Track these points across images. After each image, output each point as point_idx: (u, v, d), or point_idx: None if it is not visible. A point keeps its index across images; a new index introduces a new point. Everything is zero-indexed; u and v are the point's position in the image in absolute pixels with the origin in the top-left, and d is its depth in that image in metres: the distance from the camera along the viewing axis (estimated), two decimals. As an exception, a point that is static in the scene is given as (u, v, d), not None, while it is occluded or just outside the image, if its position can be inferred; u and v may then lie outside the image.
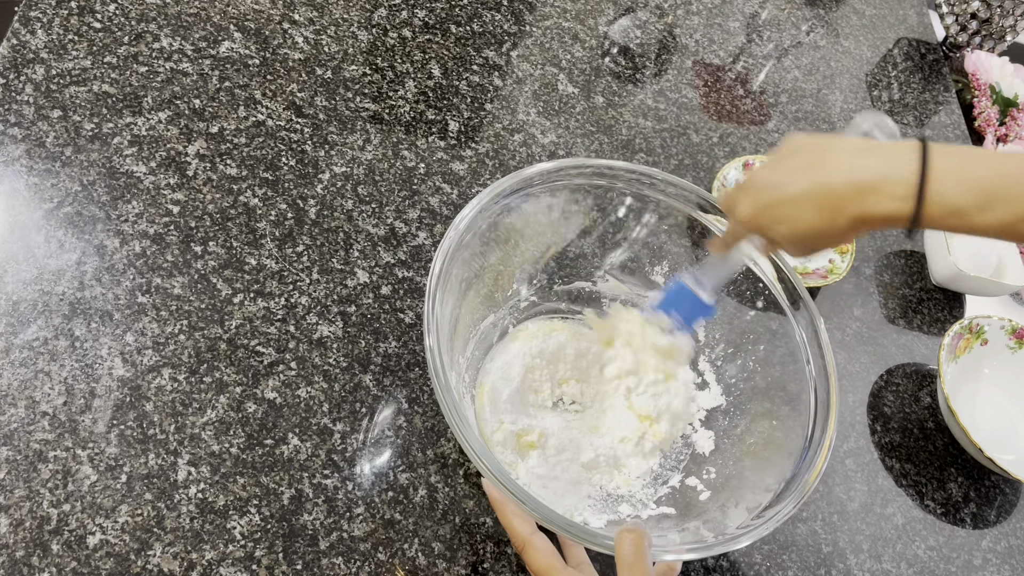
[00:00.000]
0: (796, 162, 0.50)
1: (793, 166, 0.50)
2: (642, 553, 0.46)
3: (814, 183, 0.48)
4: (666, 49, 1.04)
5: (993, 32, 1.19)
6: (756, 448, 0.60)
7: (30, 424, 0.54)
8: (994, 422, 0.80)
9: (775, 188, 0.50)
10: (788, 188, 0.49)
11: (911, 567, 0.68)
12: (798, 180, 0.49)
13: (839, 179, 0.48)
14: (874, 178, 0.46)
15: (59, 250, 0.62)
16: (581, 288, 0.71)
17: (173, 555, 0.52)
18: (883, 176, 0.46)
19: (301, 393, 0.61)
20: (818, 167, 0.49)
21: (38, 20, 0.73)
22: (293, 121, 0.76)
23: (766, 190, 0.51)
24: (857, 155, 0.48)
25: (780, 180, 0.50)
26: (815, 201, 0.48)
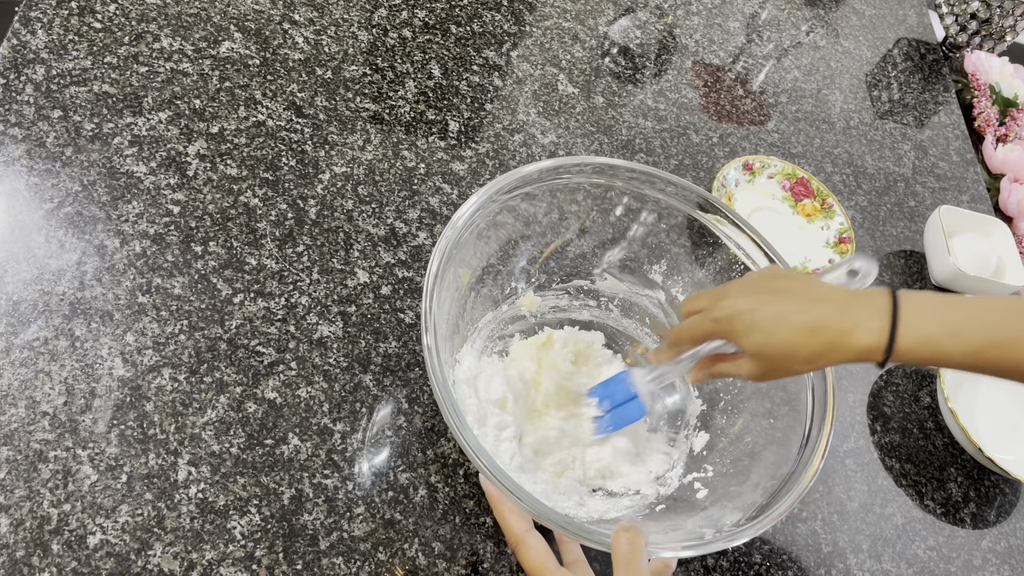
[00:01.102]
0: (789, 285, 0.52)
1: (787, 288, 0.52)
2: (638, 552, 0.46)
3: (808, 305, 0.50)
4: (666, 49, 1.04)
5: (993, 32, 1.19)
6: (754, 447, 0.60)
7: (30, 424, 0.54)
8: (994, 422, 0.80)
9: (769, 296, 0.51)
10: (781, 303, 0.50)
11: (911, 567, 0.68)
12: (792, 300, 0.50)
13: (830, 311, 0.49)
14: (858, 318, 0.49)
15: (59, 250, 0.62)
16: (580, 286, 0.71)
17: (173, 555, 0.52)
18: (866, 315, 0.48)
19: (301, 393, 0.61)
20: (811, 297, 0.50)
21: (38, 20, 0.73)
22: (293, 121, 0.76)
23: (759, 295, 0.51)
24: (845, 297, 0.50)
25: (774, 293, 0.51)
26: (802, 322, 0.49)
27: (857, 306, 0.49)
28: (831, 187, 0.96)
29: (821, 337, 0.49)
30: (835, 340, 0.49)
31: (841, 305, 0.49)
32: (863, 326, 0.48)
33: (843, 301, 0.50)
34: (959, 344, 0.47)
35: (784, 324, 0.49)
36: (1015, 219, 1.04)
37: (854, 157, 1.02)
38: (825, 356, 0.49)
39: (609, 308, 0.72)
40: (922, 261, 0.94)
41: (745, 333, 0.51)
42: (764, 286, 0.52)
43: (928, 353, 0.48)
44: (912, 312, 0.48)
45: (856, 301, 0.50)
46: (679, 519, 0.57)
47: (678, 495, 0.61)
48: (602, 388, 0.61)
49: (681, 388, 0.69)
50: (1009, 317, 0.47)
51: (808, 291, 0.51)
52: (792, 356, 0.50)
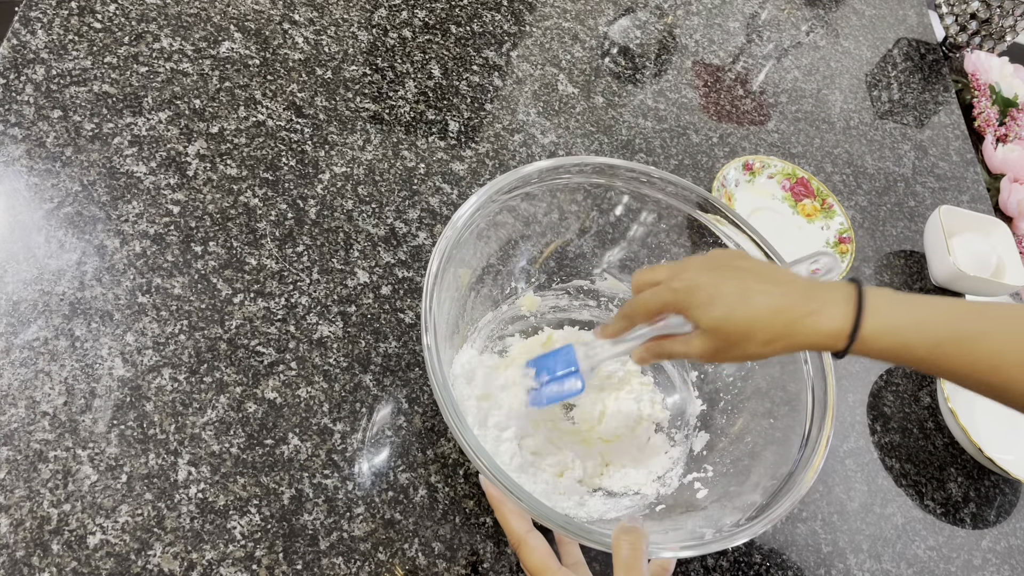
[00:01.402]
0: (753, 265, 0.51)
1: (750, 268, 0.51)
2: (640, 554, 0.46)
3: (771, 286, 0.49)
4: (666, 49, 1.04)
5: (993, 32, 1.19)
6: (754, 447, 0.60)
7: (30, 424, 0.54)
8: (994, 422, 0.80)
9: (731, 273, 0.50)
10: (744, 280, 0.49)
11: (911, 567, 0.68)
12: (756, 279, 0.49)
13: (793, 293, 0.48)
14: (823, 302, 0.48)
15: (59, 250, 0.62)
16: (579, 286, 0.71)
17: (173, 555, 0.52)
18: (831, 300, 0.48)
19: (301, 393, 0.61)
20: (774, 279, 0.49)
21: (38, 20, 0.73)
22: (293, 121, 0.76)
23: (721, 271, 0.50)
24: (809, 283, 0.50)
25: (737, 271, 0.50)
26: (764, 301, 0.48)
27: (822, 291, 0.48)
28: (831, 187, 0.96)
29: (782, 317, 0.48)
30: (796, 322, 0.48)
31: (806, 289, 0.49)
32: (827, 311, 0.47)
33: (807, 286, 0.49)
34: (923, 337, 0.46)
35: (745, 301, 0.48)
36: (1015, 219, 1.04)
37: (854, 157, 1.02)
38: (784, 339, 0.48)
39: (609, 308, 0.72)
40: (922, 261, 0.94)
41: (703, 306, 0.49)
42: (727, 264, 0.51)
43: (891, 343, 0.47)
44: (878, 301, 0.47)
45: (821, 287, 0.49)
46: (679, 519, 0.57)
47: (678, 495, 0.61)
48: (542, 360, 0.59)
49: (681, 388, 0.69)
50: (970, 315, 0.47)
51: (772, 273, 0.50)
52: (749, 335, 0.48)
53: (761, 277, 0.50)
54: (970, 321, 0.46)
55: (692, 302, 0.49)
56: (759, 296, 0.48)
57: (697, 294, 0.49)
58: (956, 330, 0.46)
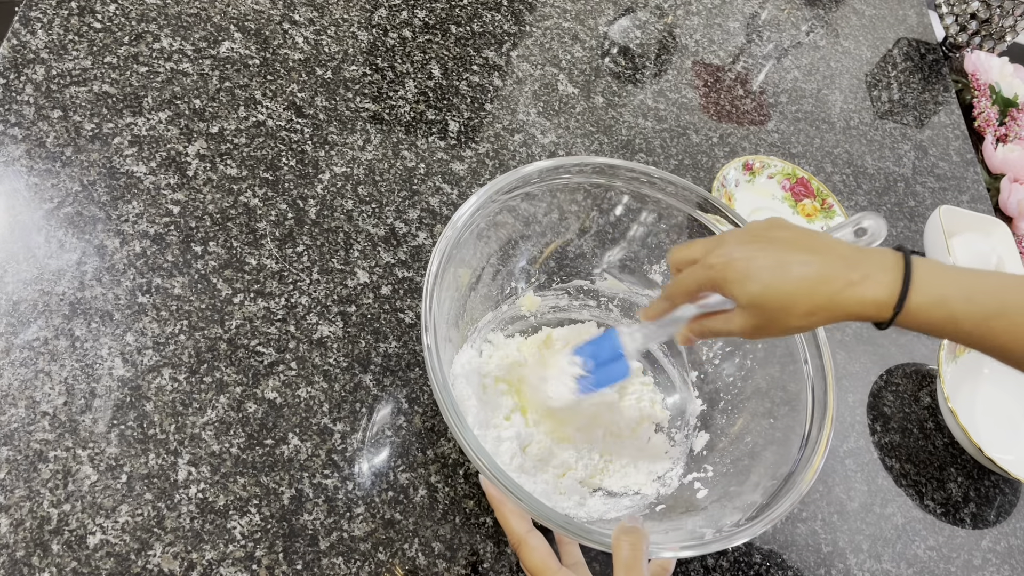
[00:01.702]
0: (791, 235, 0.49)
1: (788, 237, 0.48)
2: (640, 555, 0.46)
3: (811, 256, 0.47)
4: (666, 49, 1.04)
5: (993, 32, 1.19)
6: (754, 447, 0.60)
7: (30, 424, 0.54)
8: (994, 422, 0.80)
9: (768, 245, 0.48)
10: (782, 252, 0.47)
11: (911, 567, 0.68)
12: (794, 249, 0.47)
13: (835, 262, 0.46)
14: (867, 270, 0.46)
15: (59, 250, 0.62)
16: (579, 287, 0.71)
17: (173, 555, 0.52)
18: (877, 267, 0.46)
19: (301, 393, 0.61)
20: (814, 248, 0.47)
21: (38, 20, 0.73)
22: (293, 121, 0.76)
23: (757, 243, 0.48)
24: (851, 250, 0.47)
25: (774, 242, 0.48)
26: (804, 272, 0.46)
27: (865, 259, 0.46)
28: (831, 187, 0.96)
29: (824, 288, 0.46)
30: (839, 293, 0.45)
31: (848, 257, 0.46)
32: (872, 278, 0.45)
33: (850, 254, 0.47)
34: (971, 309, 0.44)
35: (784, 273, 0.46)
36: (1015, 219, 1.04)
37: (854, 157, 1.02)
38: (826, 310, 0.46)
39: (609, 308, 0.72)
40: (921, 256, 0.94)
41: (740, 282, 0.47)
42: (763, 234, 0.49)
43: (938, 316, 0.45)
44: (925, 271, 0.45)
45: (863, 254, 0.46)
46: (679, 519, 0.57)
47: (678, 495, 0.61)
48: (588, 347, 0.59)
49: (681, 388, 0.69)
50: (1018, 288, 0.45)
51: (811, 241, 0.48)
52: (790, 308, 0.46)
53: (799, 246, 0.47)
54: (1017, 295, 0.44)
55: (728, 278, 0.48)
56: (797, 267, 0.46)
57: (733, 270, 0.47)
58: (1006, 303, 0.44)
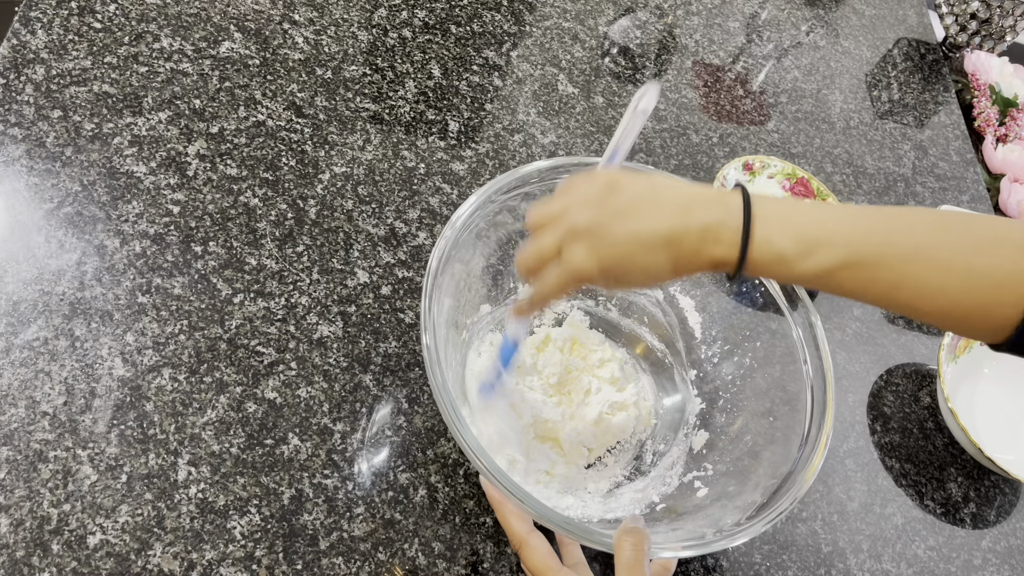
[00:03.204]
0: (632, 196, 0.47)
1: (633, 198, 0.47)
2: (642, 555, 0.46)
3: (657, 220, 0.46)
4: (666, 49, 1.04)
5: (993, 32, 1.19)
6: (754, 446, 0.60)
7: (30, 424, 0.54)
8: (994, 422, 0.80)
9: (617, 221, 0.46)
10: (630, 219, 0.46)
11: (911, 567, 0.68)
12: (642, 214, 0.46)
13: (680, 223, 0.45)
14: (710, 224, 0.45)
15: (59, 250, 0.62)
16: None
17: (173, 555, 0.52)
18: (719, 222, 0.45)
19: (301, 393, 0.61)
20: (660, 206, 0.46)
21: (38, 20, 0.73)
22: (293, 121, 0.76)
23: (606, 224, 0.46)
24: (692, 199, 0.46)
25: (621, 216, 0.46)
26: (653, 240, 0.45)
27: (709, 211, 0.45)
28: (831, 187, 0.96)
29: (672, 252, 0.45)
30: (687, 255, 0.45)
31: (699, 215, 0.45)
32: (717, 239, 0.45)
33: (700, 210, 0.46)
34: (811, 265, 0.44)
35: (643, 246, 0.45)
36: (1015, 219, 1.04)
37: (854, 157, 1.02)
38: (676, 271, 0.46)
39: (608, 307, 0.72)
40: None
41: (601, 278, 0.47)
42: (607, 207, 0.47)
43: (778, 272, 0.45)
44: (766, 224, 0.44)
45: (708, 205, 0.45)
46: (679, 519, 0.57)
47: (678, 494, 0.61)
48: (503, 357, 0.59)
49: (681, 387, 0.69)
50: (871, 233, 0.44)
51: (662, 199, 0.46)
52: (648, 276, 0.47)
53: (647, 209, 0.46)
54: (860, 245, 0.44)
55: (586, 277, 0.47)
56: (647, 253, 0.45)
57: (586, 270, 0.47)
58: (851, 256, 0.44)
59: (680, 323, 0.69)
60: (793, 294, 0.61)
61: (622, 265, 0.46)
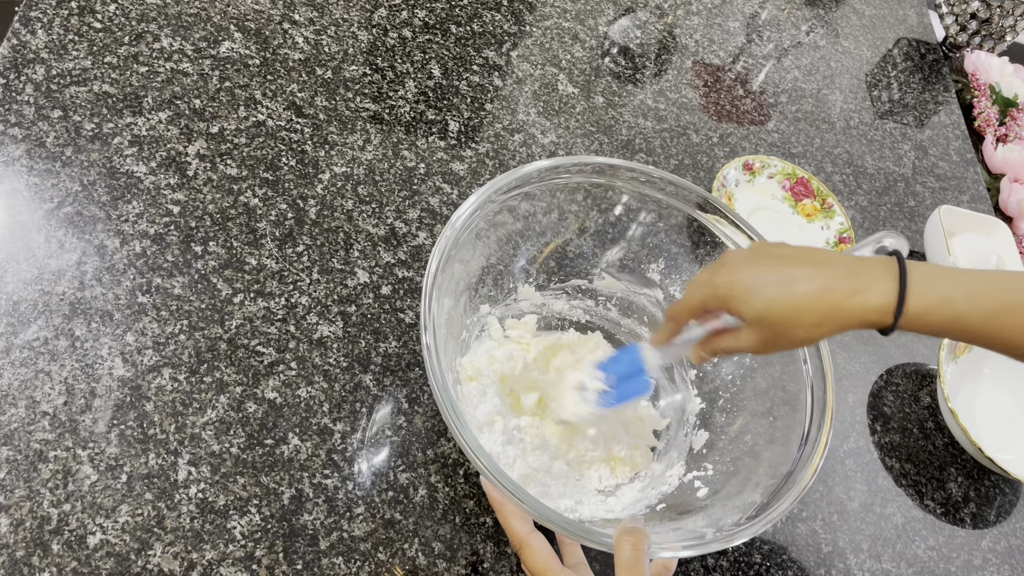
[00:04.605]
0: (791, 251, 0.50)
1: (788, 253, 0.49)
2: (641, 556, 0.46)
3: (812, 268, 0.48)
4: (666, 49, 1.04)
5: (993, 32, 1.19)
6: (754, 446, 0.60)
7: (30, 424, 0.54)
8: (994, 422, 0.80)
9: (769, 261, 0.49)
10: (783, 267, 0.48)
11: (911, 567, 0.68)
12: (795, 263, 0.48)
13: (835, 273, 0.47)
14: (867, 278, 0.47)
15: (59, 250, 0.62)
16: (578, 286, 0.71)
17: (173, 555, 0.52)
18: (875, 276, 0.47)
19: (301, 393, 0.61)
20: (814, 261, 0.48)
21: (38, 20, 0.73)
22: (293, 121, 0.76)
23: (759, 260, 0.49)
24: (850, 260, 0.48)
25: (775, 258, 0.49)
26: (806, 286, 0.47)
27: (865, 268, 0.47)
28: (831, 187, 0.96)
29: (827, 299, 0.46)
30: (843, 302, 0.46)
31: (847, 267, 0.47)
32: (873, 286, 0.46)
33: (850, 264, 0.48)
34: (975, 308, 0.45)
35: (787, 287, 0.47)
36: (1015, 219, 1.04)
37: (854, 157, 1.02)
38: (831, 320, 0.47)
39: (608, 307, 0.72)
40: (922, 261, 0.94)
41: (745, 299, 0.48)
42: (765, 252, 0.50)
43: (942, 316, 0.45)
44: (922, 274, 0.46)
45: (864, 263, 0.47)
46: (679, 518, 0.57)
47: (679, 494, 0.61)
48: (611, 362, 0.59)
49: (681, 387, 0.69)
50: (1017, 283, 0.45)
51: (813, 255, 0.49)
52: (796, 321, 0.47)
53: (801, 260, 0.48)
54: (1018, 291, 0.45)
55: (733, 295, 0.48)
56: (800, 281, 0.47)
57: (736, 287, 0.48)
58: (1009, 300, 0.45)
59: (680, 323, 0.69)
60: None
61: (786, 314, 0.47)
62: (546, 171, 0.62)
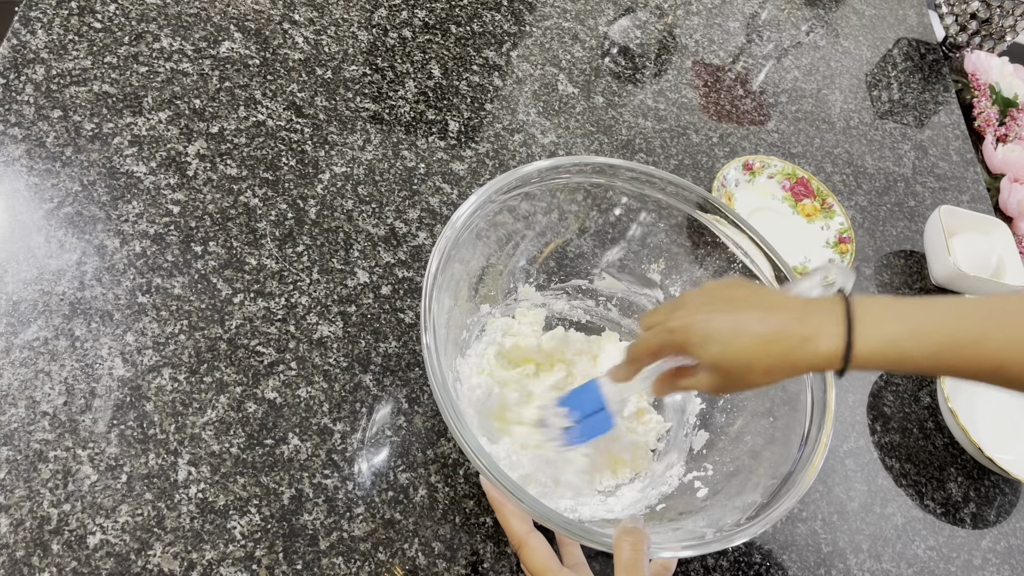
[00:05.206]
0: (745, 294, 0.50)
1: (742, 297, 0.50)
2: (641, 555, 0.46)
3: (764, 313, 0.48)
4: (666, 49, 1.04)
5: (993, 32, 1.19)
6: (754, 446, 0.60)
7: (30, 424, 0.54)
8: (994, 422, 0.80)
9: (724, 306, 0.49)
10: (737, 312, 0.49)
11: (911, 567, 0.68)
12: (749, 308, 0.49)
13: (787, 319, 0.48)
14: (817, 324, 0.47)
15: (59, 250, 0.62)
16: (578, 286, 0.71)
17: (173, 555, 0.52)
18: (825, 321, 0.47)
19: (301, 393, 0.61)
20: (767, 305, 0.49)
21: (38, 20, 0.73)
22: (293, 121, 0.76)
23: (714, 305, 0.50)
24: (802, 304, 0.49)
25: (729, 302, 0.50)
26: (759, 331, 0.48)
27: (816, 314, 0.48)
28: (831, 187, 0.96)
29: (779, 345, 0.47)
30: (793, 350, 0.47)
31: (799, 312, 0.48)
32: (822, 333, 0.46)
33: (800, 308, 0.48)
34: (921, 346, 0.45)
35: (741, 333, 0.48)
36: (1015, 219, 1.04)
37: (854, 157, 1.02)
38: (784, 366, 0.48)
39: (608, 307, 0.72)
40: (922, 261, 0.94)
41: (700, 344, 0.49)
42: (719, 295, 0.51)
43: (891, 357, 0.46)
44: (870, 315, 0.46)
45: (814, 308, 0.48)
46: (679, 519, 0.57)
47: (678, 494, 0.61)
48: (572, 398, 0.59)
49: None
50: (968, 317, 0.46)
51: (764, 299, 0.50)
52: (750, 367, 0.48)
53: (754, 304, 0.49)
54: (968, 325, 0.45)
55: (689, 341, 0.49)
56: (752, 326, 0.48)
57: (691, 333, 0.49)
58: (954, 336, 0.45)
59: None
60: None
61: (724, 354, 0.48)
62: (546, 171, 0.62)
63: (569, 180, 0.64)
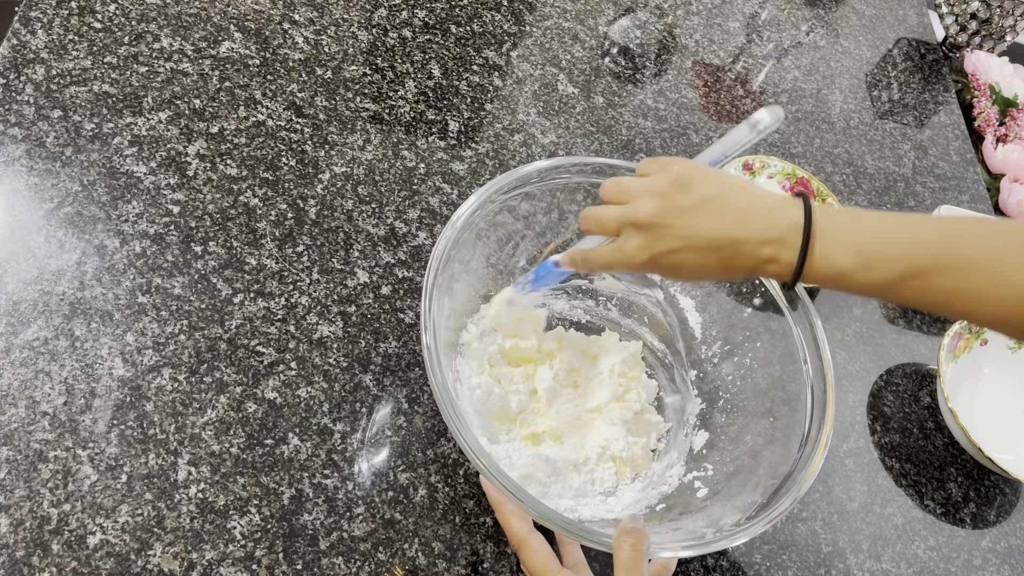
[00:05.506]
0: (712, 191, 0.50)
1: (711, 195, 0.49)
2: (640, 555, 0.46)
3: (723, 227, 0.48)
4: (666, 49, 1.04)
5: (993, 32, 1.19)
6: (754, 446, 0.60)
7: (30, 424, 0.54)
8: (994, 422, 0.80)
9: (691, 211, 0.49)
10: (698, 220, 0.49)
11: (911, 567, 0.68)
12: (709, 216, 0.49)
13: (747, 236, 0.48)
14: (770, 237, 0.47)
15: (59, 250, 0.62)
16: (578, 286, 0.71)
17: (173, 555, 0.52)
18: (779, 238, 0.47)
19: (301, 393, 0.61)
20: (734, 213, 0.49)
21: (38, 20, 0.73)
22: (293, 121, 0.76)
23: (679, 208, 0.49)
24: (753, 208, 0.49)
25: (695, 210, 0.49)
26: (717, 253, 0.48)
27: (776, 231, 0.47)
28: (831, 187, 0.96)
29: (736, 261, 0.48)
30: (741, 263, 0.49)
31: (760, 228, 0.48)
32: (779, 258, 0.47)
33: (763, 221, 0.48)
34: (871, 278, 0.46)
35: (700, 249, 0.49)
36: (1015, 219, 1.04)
37: (854, 157, 1.02)
38: (726, 274, 0.50)
39: (608, 307, 0.72)
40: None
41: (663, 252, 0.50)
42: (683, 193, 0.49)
43: (836, 285, 0.47)
44: (825, 240, 0.46)
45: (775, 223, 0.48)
46: (679, 519, 0.57)
47: (678, 494, 0.61)
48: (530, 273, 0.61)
49: (681, 387, 0.69)
50: (933, 244, 0.45)
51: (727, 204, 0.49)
52: (702, 274, 0.50)
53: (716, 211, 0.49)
54: (928, 254, 0.45)
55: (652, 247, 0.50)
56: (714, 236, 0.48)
57: (656, 237, 0.50)
58: (911, 267, 0.45)
59: (680, 323, 0.69)
60: (793, 294, 0.61)
61: (672, 261, 0.50)
62: (546, 171, 0.62)
63: (569, 180, 0.64)
